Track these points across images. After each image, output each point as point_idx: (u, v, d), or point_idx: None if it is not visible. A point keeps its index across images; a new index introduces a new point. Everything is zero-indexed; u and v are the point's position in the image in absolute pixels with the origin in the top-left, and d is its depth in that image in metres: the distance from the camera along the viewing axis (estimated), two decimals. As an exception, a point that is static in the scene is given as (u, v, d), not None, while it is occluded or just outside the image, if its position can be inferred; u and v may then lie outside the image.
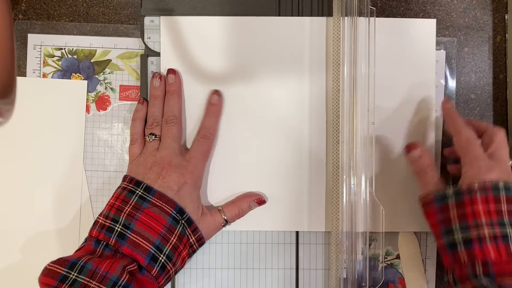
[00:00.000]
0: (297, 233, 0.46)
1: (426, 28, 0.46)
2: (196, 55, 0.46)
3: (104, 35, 0.47)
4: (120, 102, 0.47)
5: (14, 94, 0.28)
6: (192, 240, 0.41)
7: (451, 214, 0.39)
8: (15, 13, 0.48)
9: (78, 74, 0.47)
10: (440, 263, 0.47)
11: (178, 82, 0.45)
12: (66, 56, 0.47)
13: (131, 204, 0.40)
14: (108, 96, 0.47)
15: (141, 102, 0.45)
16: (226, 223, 0.44)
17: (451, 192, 0.39)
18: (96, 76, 0.47)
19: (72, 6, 0.48)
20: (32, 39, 0.47)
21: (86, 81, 0.47)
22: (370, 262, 0.45)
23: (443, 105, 0.44)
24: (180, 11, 0.46)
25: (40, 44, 0.47)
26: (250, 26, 0.46)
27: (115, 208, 0.40)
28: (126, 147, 0.47)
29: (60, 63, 0.47)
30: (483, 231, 0.37)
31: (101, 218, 0.40)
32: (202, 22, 0.46)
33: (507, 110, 0.48)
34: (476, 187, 0.38)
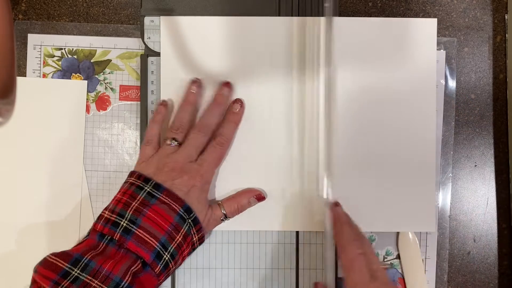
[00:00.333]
0: (297, 233, 0.46)
1: (427, 28, 0.46)
2: (196, 55, 0.46)
3: (104, 35, 0.47)
4: (120, 102, 0.47)
5: (14, 94, 0.28)
6: (195, 239, 0.41)
7: None
8: (15, 13, 0.48)
9: (78, 74, 0.47)
10: (440, 263, 0.47)
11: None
12: (66, 56, 0.47)
13: (138, 199, 0.39)
14: (108, 96, 0.47)
15: (164, 105, 0.45)
16: (225, 217, 0.44)
17: None
18: (96, 76, 0.47)
19: (72, 6, 0.48)
20: (32, 39, 0.47)
21: (86, 81, 0.47)
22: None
23: (332, 208, 0.41)
24: (180, 11, 0.46)
25: (40, 44, 0.47)
26: (250, 26, 0.46)
27: (122, 203, 0.39)
28: (126, 147, 0.47)
29: (60, 63, 0.47)
30: None
31: (106, 212, 0.40)
32: (202, 22, 0.46)
33: (507, 110, 0.48)
34: None
